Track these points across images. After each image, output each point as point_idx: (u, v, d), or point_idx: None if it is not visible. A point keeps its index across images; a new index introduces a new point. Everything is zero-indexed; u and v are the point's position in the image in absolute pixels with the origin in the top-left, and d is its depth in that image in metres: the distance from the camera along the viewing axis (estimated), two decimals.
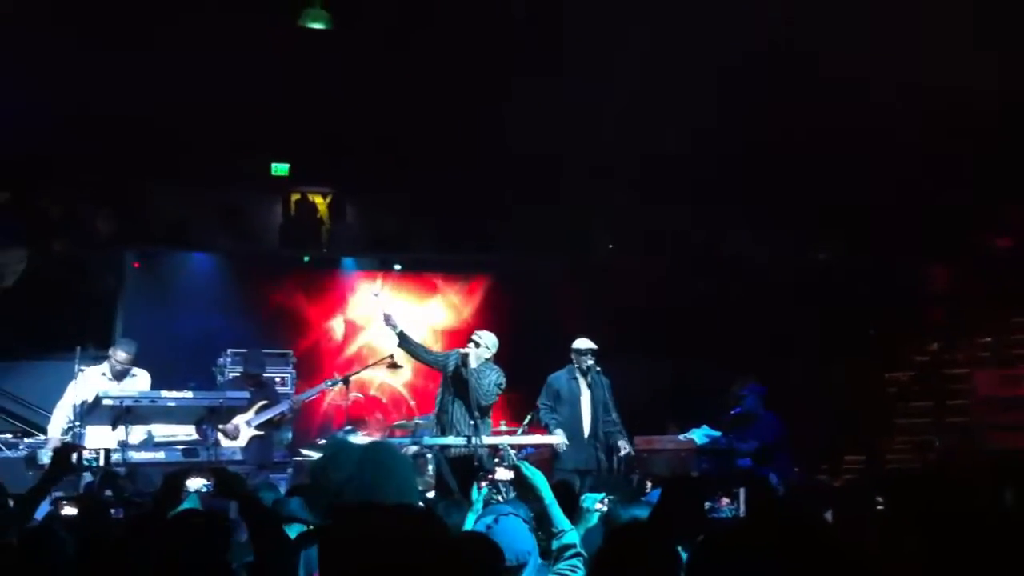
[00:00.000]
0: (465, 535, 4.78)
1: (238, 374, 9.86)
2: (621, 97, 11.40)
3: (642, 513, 4.53)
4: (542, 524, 4.56)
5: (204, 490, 4.62)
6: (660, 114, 11.15)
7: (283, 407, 9.45)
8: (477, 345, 9.06)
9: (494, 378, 9.14)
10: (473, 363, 9.03)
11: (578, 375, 9.56)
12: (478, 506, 5.90)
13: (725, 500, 4.37)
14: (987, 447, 10.20)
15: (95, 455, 5.73)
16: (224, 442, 8.87)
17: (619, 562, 2.96)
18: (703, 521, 4.40)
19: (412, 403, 11.96)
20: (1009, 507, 4.15)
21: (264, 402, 9.35)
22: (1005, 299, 11.66)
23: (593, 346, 9.58)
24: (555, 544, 4.23)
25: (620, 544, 3.03)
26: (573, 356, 9.63)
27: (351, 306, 12.74)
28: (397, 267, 12.97)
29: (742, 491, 4.39)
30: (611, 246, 13.68)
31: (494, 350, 9.06)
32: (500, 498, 8.33)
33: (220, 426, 8.81)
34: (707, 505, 4.51)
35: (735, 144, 11.84)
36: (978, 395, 10.94)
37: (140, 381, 9.15)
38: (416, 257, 13.08)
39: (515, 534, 4.22)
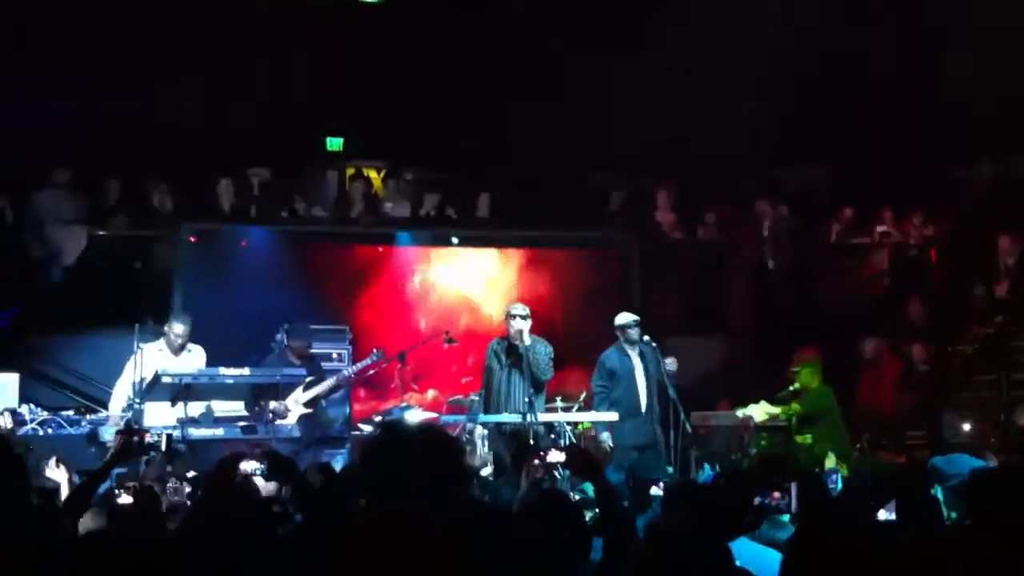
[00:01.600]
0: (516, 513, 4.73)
1: (283, 348, 9.81)
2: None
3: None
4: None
5: (257, 473, 4.66)
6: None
7: (330, 382, 9.43)
8: (524, 319, 9.01)
9: (548, 351, 9.11)
10: (527, 339, 8.99)
11: (628, 350, 9.47)
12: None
13: (776, 495, 4.28)
14: None
15: (157, 438, 5.78)
16: (281, 420, 8.91)
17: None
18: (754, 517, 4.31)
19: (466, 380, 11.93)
20: None
21: (311, 378, 9.34)
22: None
23: (634, 317, 9.46)
24: None
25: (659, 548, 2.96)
26: (617, 332, 9.54)
27: (408, 280, 12.74)
28: (455, 240, 12.94)
29: (794, 486, 4.29)
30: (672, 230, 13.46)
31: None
32: (557, 474, 8.35)
33: (271, 405, 8.83)
34: (757, 500, 4.40)
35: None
36: None
37: (196, 356, 9.24)
38: (472, 233, 13.02)
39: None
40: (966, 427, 10.39)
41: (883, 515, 3.76)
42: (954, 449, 9.73)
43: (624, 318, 9.53)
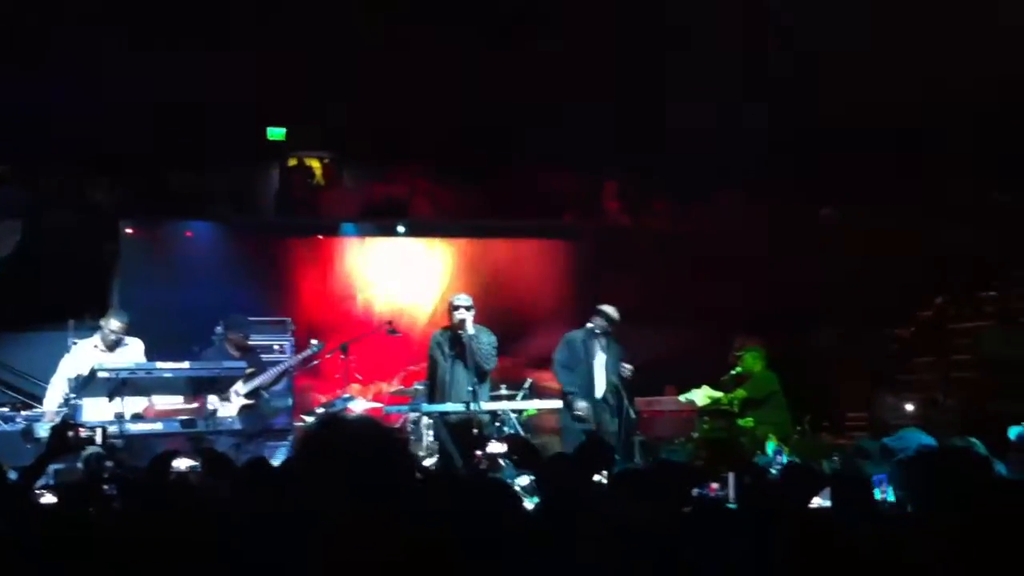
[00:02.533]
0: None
1: (221, 340, 9.74)
2: None
3: None
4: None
5: (192, 471, 4.61)
6: None
7: (270, 374, 9.37)
8: (468, 309, 9.03)
9: (491, 341, 9.14)
10: (470, 329, 8.99)
11: (595, 337, 9.60)
12: None
13: (714, 485, 4.31)
14: (990, 407, 10.14)
15: (91, 433, 5.69)
16: (222, 412, 8.84)
17: None
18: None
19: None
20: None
21: (251, 369, 9.27)
22: (1011, 254, 11.53)
23: (615, 316, 9.65)
24: None
25: None
26: (597, 317, 9.66)
27: (351, 272, 12.66)
28: (401, 229, 12.87)
29: (731, 476, 4.32)
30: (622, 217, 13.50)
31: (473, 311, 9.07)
32: (503, 464, 8.36)
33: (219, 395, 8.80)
34: (695, 491, 4.43)
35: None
36: (981, 352, 10.85)
37: (133, 350, 9.14)
38: (418, 221, 12.96)
39: None
40: (909, 407, 10.54)
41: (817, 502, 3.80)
42: (895, 430, 9.91)
43: (607, 309, 9.70)
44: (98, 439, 6.69)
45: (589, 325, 9.67)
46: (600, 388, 9.50)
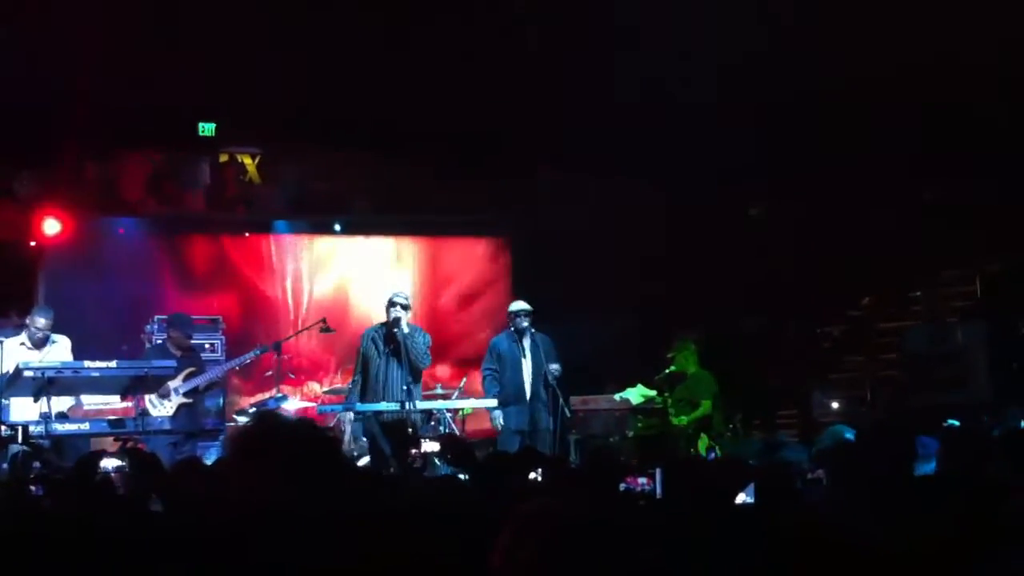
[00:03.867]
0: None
1: (163, 340, 9.66)
2: None
3: None
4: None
5: (115, 472, 4.52)
6: None
7: (211, 374, 9.28)
8: (405, 308, 8.98)
9: (426, 340, 9.10)
10: (405, 327, 8.95)
11: (517, 337, 9.54)
12: None
13: (641, 480, 4.36)
14: (916, 403, 10.35)
15: (11, 431, 5.56)
16: (152, 412, 8.71)
17: None
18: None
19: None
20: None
21: (192, 369, 9.17)
22: (937, 252, 11.75)
23: (525, 307, 9.57)
24: None
25: None
26: (508, 318, 9.63)
27: (282, 270, 12.53)
28: (337, 228, 12.77)
29: (658, 471, 4.35)
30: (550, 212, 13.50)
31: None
32: (438, 462, 8.34)
33: (153, 393, 8.68)
34: (622, 487, 4.46)
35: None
36: (907, 350, 11.05)
37: (60, 347, 8.97)
38: (352, 219, 12.88)
39: None
40: (835, 405, 10.73)
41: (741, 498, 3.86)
42: (823, 427, 10.06)
43: (514, 306, 9.63)
44: (19, 438, 6.57)
45: (510, 328, 9.62)
46: (528, 388, 9.45)
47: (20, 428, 6.06)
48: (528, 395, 9.42)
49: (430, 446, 6.07)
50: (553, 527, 2.55)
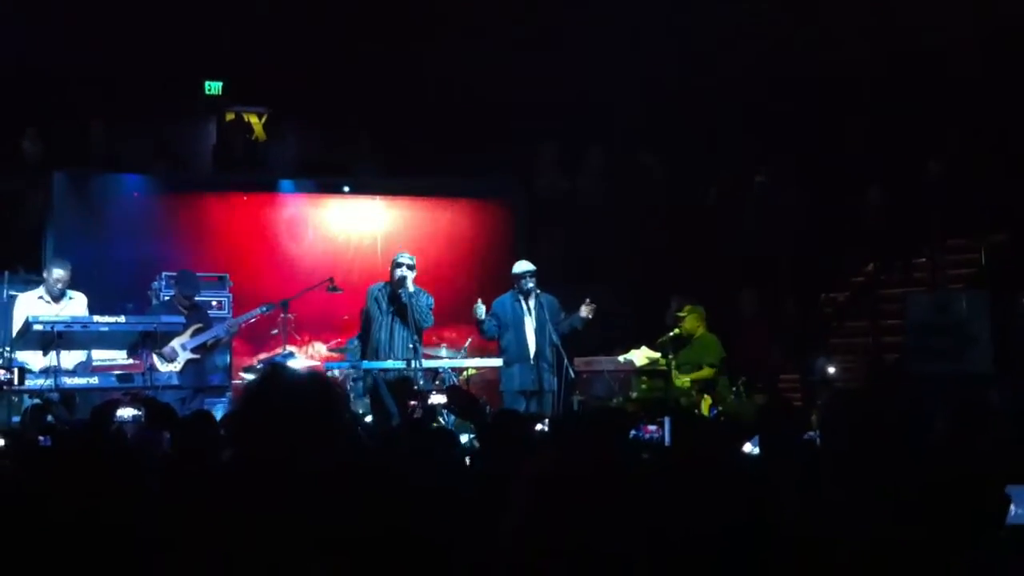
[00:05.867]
0: None
1: (170, 297, 9.72)
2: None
3: None
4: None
5: (133, 420, 4.58)
6: None
7: (218, 331, 9.33)
8: (411, 268, 9.05)
9: (429, 301, 9.19)
10: (411, 287, 9.01)
11: (521, 298, 9.58)
12: None
13: (651, 427, 4.43)
14: (915, 370, 10.41)
15: (8, 375, 5.60)
16: (160, 367, 8.77)
17: None
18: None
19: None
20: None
21: (199, 325, 9.23)
22: (940, 221, 11.78)
23: (530, 267, 9.60)
24: None
25: None
26: (513, 279, 9.67)
27: (289, 229, 12.56)
28: (346, 189, 12.78)
29: (667, 419, 4.42)
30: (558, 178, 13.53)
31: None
32: (442, 420, 8.42)
33: (157, 350, 8.73)
34: (632, 433, 4.52)
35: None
36: (909, 318, 11.09)
37: (77, 303, 9.02)
38: (361, 180, 12.89)
39: None
40: (831, 370, 10.80)
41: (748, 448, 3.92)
42: (823, 391, 10.14)
43: (518, 267, 9.66)
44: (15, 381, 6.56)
45: (515, 288, 9.67)
46: (532, 349, 9.50)
47: (17, 370, 6.10)
48: (532, 355, 9.46)
49: (437, 398, 6.12)
50: (561, 480, 2.60)
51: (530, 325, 9.52)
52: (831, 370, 10.74)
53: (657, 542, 2.33)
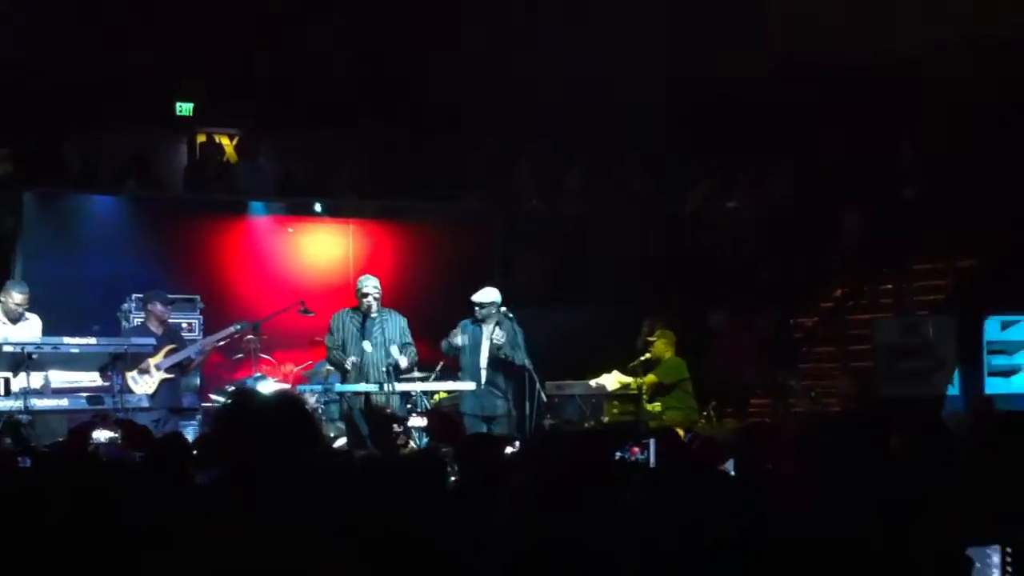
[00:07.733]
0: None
1: (147, 310, 9.63)
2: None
3: None
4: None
5: (108, 442, 4.56)
6: None
7: (191, 351, 9.30)
8: (376, 293, 9.05)
9: (401, 322, 9.20)
10: (374, 313, 9.03)
11: (481, 324, 9.57)
12: None
13: (636, 449, 4.47)
14: (885, 394, 10.49)
15: None
16: (132, 388, 8.71)
17: None
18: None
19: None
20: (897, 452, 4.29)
21: (172, 346, 9.18)
22: (908, 246, 11.91)
23: (486, 300, 9.53)
24: None
25: None
26: (475, 307, 9.64)
27: (260, 251, 12.51)
28: (318, 208, 12.74)
29: (652, 441, 4.47)
30: (533, 200, 13.56)
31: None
32: (413, 444, 8.42)
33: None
34: (617, 455, 4.56)
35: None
36: (877, 342, 11.18)
37: (31, 324, 8.95)
38: (332, 202, 12.88)
39: None
40: (801, 393, 10.89)
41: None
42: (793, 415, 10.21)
43: (478, 296, 9.60)
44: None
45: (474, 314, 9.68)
46: (484, 375, 9.49)
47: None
48: (483, 381, 9.46)
49: (417, 421, 6.13)
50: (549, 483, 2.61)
51: (484, 351, 9.52)
52: (801, 393, 10.84)
53: (650, 550, 2.35)
